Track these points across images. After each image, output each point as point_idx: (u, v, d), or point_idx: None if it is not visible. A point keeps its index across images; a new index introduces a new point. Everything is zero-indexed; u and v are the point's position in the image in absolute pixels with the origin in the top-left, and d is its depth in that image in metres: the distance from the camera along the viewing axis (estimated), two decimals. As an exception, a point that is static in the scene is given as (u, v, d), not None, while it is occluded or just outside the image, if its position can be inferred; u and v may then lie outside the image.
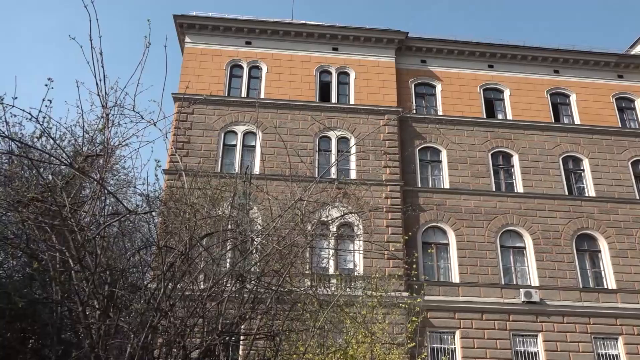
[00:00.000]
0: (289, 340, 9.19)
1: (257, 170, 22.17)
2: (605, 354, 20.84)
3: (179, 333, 7.04)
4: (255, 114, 23.48)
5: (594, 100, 26.36)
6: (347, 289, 14.06)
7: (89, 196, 7.69)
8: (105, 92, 6.94)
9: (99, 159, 7.61)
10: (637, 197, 24.09)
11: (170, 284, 7.17)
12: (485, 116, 25.44)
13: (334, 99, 24.88)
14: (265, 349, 8.89)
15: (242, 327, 8.53)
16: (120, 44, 64.84)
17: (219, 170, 21.76)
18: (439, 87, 25.93)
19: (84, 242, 6.89)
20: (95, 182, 7.32)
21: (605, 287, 22.20)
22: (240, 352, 9.50)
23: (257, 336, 8.39)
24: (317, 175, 20.87)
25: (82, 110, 7.41)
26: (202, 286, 7.68)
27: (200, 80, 24.07)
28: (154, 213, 8.66)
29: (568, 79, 26.74)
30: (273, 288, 8.11)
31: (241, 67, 25.24)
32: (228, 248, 8.55)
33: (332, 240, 20.22)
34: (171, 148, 21.05)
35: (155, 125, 7.16)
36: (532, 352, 20.61)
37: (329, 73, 25.48)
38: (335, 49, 25.81)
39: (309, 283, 10.03)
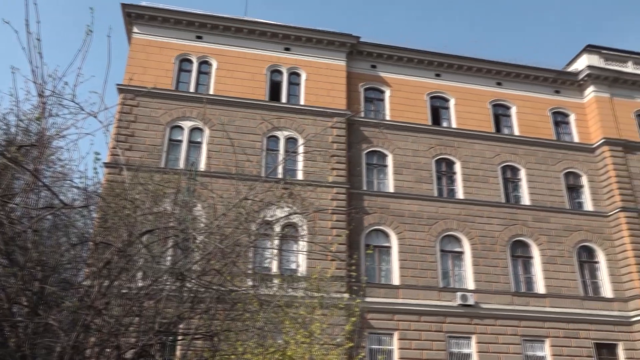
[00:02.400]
0: (228, 340, 9.09)
1: (202, 167, 21.85)
2: (533, 356, 21.88)
3: (113, 332, 6.84)
4: (203, 110, 23.08)
5: (532, 113, 27.58)
6: (289, 290, 14.05)
7: (22, 188, 7.34)
8: (43, 80, 6.64)
9: (34, 150, 7.28)
10: (568, 207, 25.44)
11: (106, 281, 6.95)
12: (431, 123, 26.10)
13: (284, 98, 24.80)
14: (203, 349, 8.77)
15: (180, 326, 8.38)
16: (69, 33, 62.15)
17: (163, 166, 21.28)
18: (387, 93, 26.39)
19: (13, 236, 6.58)
20: (29, 174, 6.99)
21: (536, 291, 23.30)
22: (177, 353, 9.31)
23: (195, 336, 8.27)
24: (263, 175, 20.78)
25: (17, 99, 7.05)
26: (140, 284, 7.49)
27: (147, 72, 23.42)
28: (91, 207, 8.35)
29: (509, 92, 27.83)
30: (214, 287, 8.02)
31: (190, 62, 24.76)
32: (169, 246, 8.38)
33: (276, 240, 20.19)
34: (112, 141, 20.37)
35: (96, 117, 6.91)
36: (465, 354, 21.35)
37: (280, 73, 25.39)
38: (287, 49, 25.75)
39: (251, 283, 9.98)
